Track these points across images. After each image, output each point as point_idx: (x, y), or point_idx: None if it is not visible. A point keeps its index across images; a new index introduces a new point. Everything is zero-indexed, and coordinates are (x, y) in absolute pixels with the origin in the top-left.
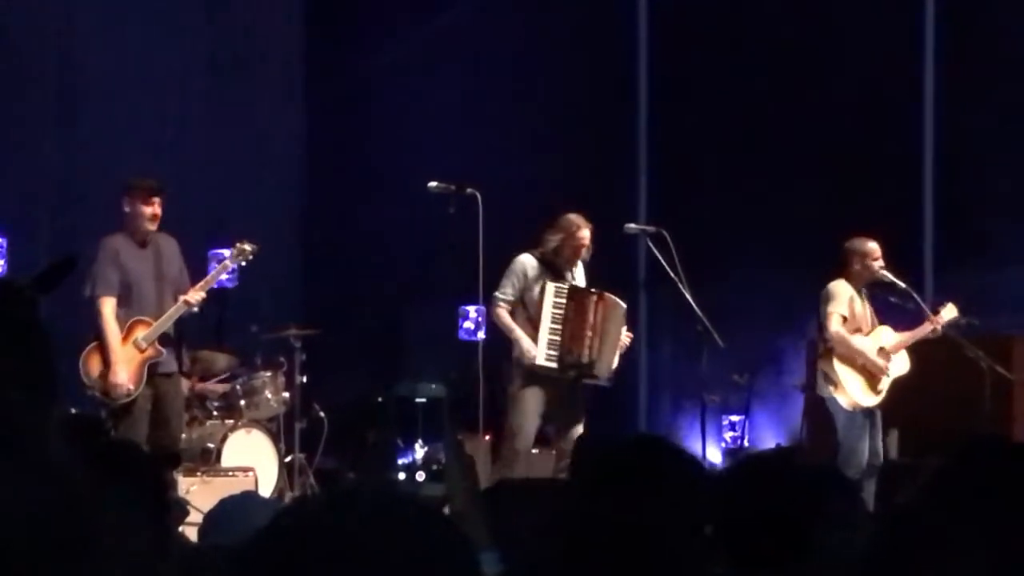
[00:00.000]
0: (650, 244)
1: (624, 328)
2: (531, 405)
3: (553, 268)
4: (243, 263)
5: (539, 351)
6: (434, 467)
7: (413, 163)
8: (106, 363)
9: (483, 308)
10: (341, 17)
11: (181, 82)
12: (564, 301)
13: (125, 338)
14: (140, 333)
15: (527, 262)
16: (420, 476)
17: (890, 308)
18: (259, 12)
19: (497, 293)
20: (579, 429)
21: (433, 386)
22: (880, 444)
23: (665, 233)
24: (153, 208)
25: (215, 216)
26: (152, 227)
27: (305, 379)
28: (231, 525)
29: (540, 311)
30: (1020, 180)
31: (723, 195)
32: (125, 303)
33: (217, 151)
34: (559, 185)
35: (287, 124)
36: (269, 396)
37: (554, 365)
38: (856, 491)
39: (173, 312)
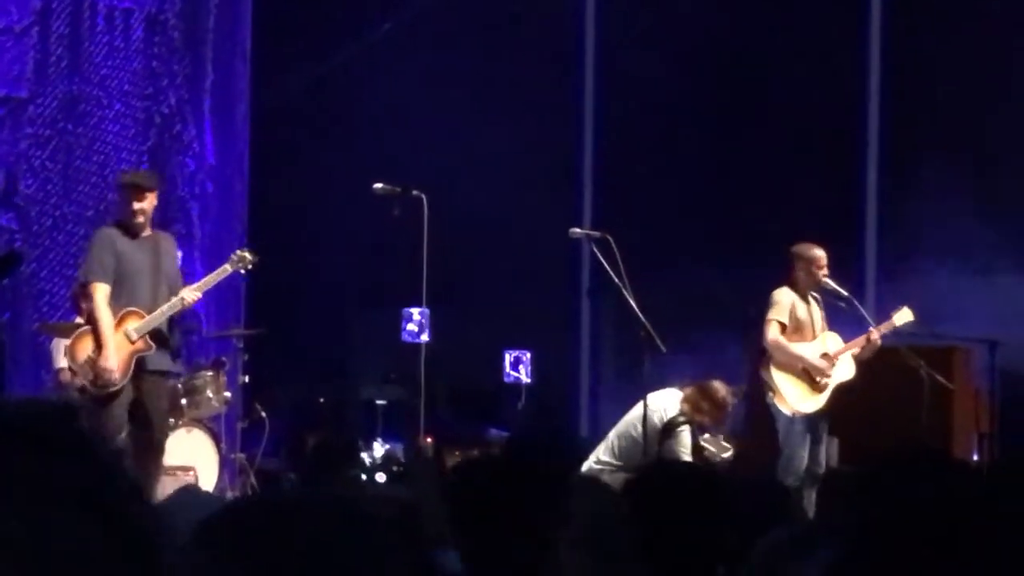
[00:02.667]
0: (594, 249)
1: None
2: None
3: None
4: (242, 271)
5: None
6: (394, 468)
7: (359, 165)
8: (96, 348)
9: (426, 311)
10: (288, 20)
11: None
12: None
13: (116, 327)
14: (132, 324)
15: (688, 439)
16: (380, 477)
17: (847, 315)
18: (206, 13)
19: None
20: None
21: (398, 388)
22: (823, 452)
23: (609, 238)
24: (142, 204)
25: (160, 216)
26: (140, 221)
27: (247, 379)
28: (174, 520)
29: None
30: (964, 190)
31: (668, 200)
32: (119, 292)
33: (163, 153)
34: (504, 189)
35: (232, 125)
36: (211, 395)
37: None
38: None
39: (168, 308)
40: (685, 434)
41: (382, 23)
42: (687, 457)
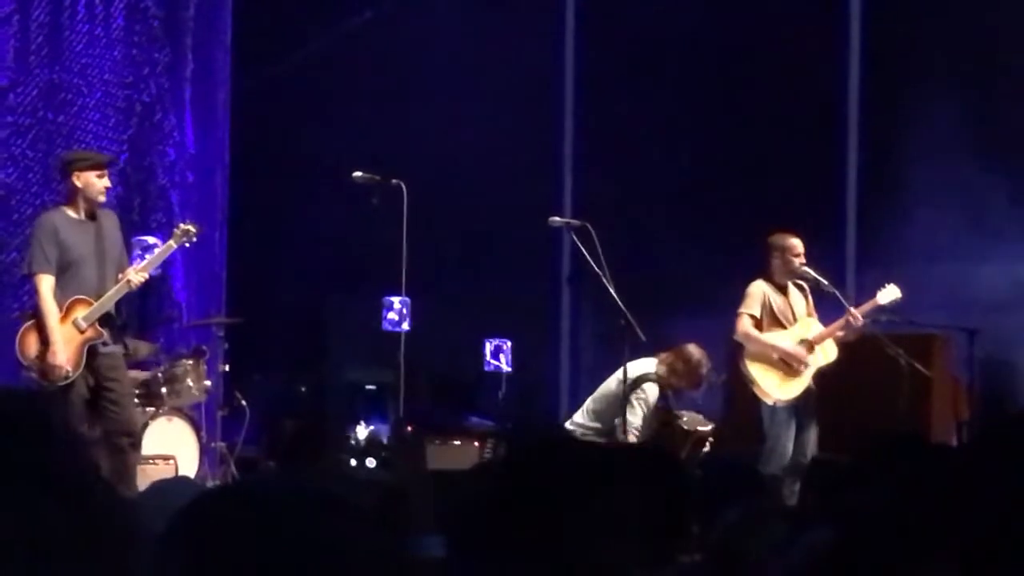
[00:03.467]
0: (574, 238)
1: None
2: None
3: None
4: (187, 244)
5: None
6: (380, 453)
7: (338, 153)
8: (44, 343)
9: (407, 299)
10: (268, 8)
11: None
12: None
13: (64, 317)
14: (80, 313)
15: (654, 393)
16: (371, 462)
17: (833, 302)
18: (186, 1)
19: (634, 422)
20: None
21: (383, 370)
22: (808, 440)
23: (589, 227)
24: (105, 181)
25: (136, 204)
26: (103, 199)
27: (227, 368)
28: (162, 510)
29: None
30: (941, 177)
31: (648, 188)
32: (64, 282)
33: (144, 142)
34: (483, 178)
35: (212, 114)
36: (191, 384)
37: None
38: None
39: (115, 292)
40: (647, 393)
41: (363, 11)
42: (637, 421)
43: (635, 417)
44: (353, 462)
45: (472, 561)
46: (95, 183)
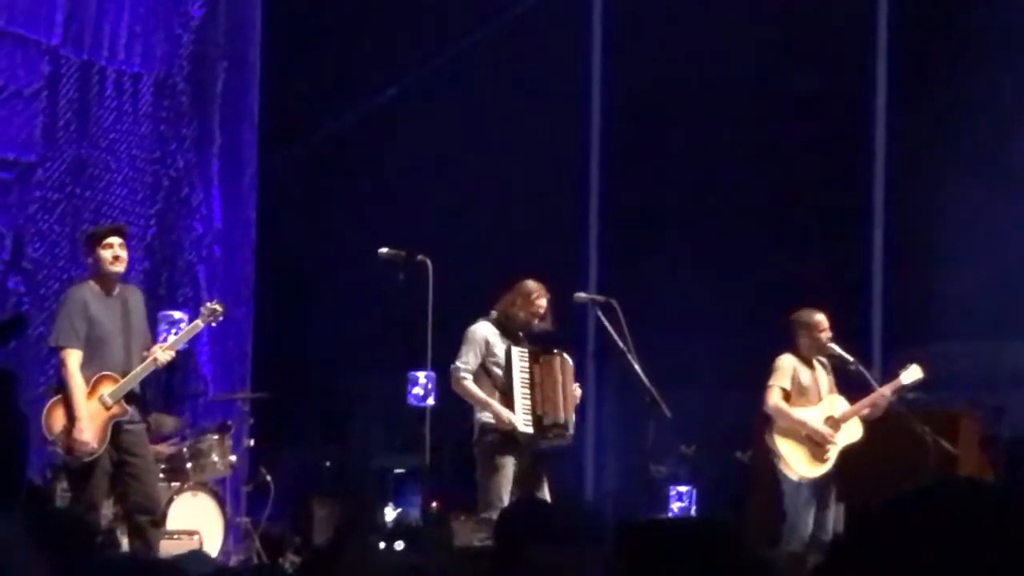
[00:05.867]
0: (599, 313)
1: (575, 383)
2: (509, 474)
3: (510, 334)
4: (213, 323)
5: (517, 418)
6: (409, 534)
7: (364, 229)
8: (70, 418)
9: (432, 374)
10: (297, 83)
11: None
12: (528, 364)
13: (90, 393)
14: (106, 389)
15: (486, 330)
16: (399, 544)
17: (857, 378)
18: (214, 77)
19: (459, 363)
20: (545, 494)
21: (409, 455)
22: (830, 518)
23: (614, 302)
24: (113, 250)
25: (163, 278)
26: (117, 268)
27: (253, 443)
28: None
29: (510, 378)
30: (969, 256)
31: (671, 266)
32: (91, 357)
33: (171, 216)
34: (509, 253)
35: (239, 189)
36: (216, 459)
37: (530, 430)
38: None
39: (141, 370)
40: (472, 332)
41: (387, 88)
42: (459, 362)
43: (459, 359)
44: (382, 544)
45: None
46: (102, 255)
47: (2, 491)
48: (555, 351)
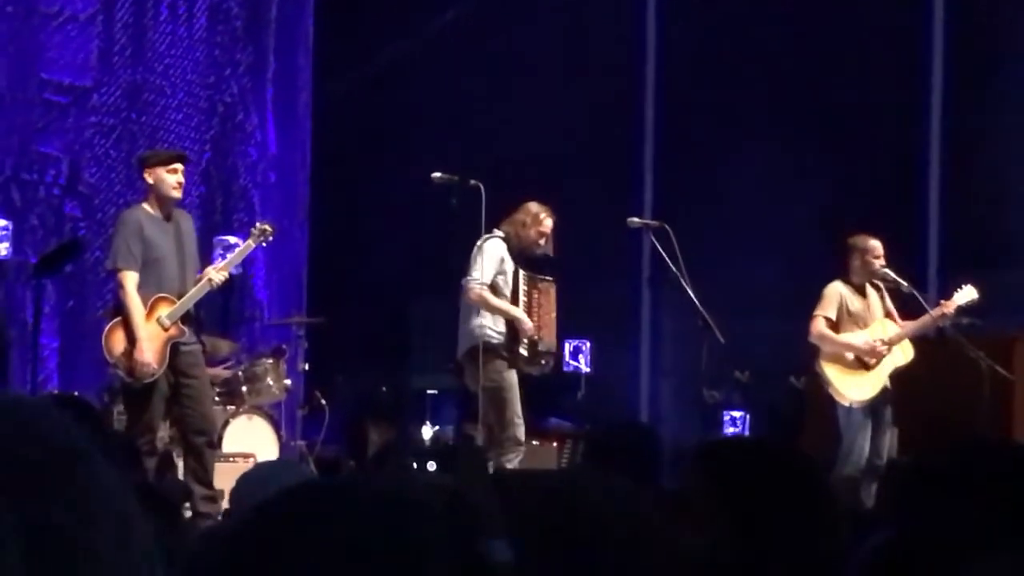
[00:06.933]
0: (653, 239)
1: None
2: (516, 389)
3: (515, 254)
4: (263, 243)
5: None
6: (440, 453)
7: (418, 154)
8: (130, 340)
9: None
10: (350, 10)
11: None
12: (528, 288)
13: (148, 315)
14: (164, 310)
15: (500, 247)
16: (431, 465)
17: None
18: (268, 2)
19: (475, 275)
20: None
21: (448, 376)
22: (885, 443)
23: (667, 228)
24: (178, 176)
25: (218, 203)
26: (178, 195)
27: (307, 367)
28: (264, 489)
29: (516, 300)
30: None
31: (728, 190)
32: (147, 278)
33: (226, 142)
34: (562, 179)
35: (294, 115)
36: (271, 383)
37: (526, 354)
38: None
39: (197, 291)
40: (485, 247)
41: (444, 13)
42: (475, 273)
43: (474, 271)
44: (415, 464)
45: (544, 564)
46: (167, 179)
47: None
48: (548, 278)
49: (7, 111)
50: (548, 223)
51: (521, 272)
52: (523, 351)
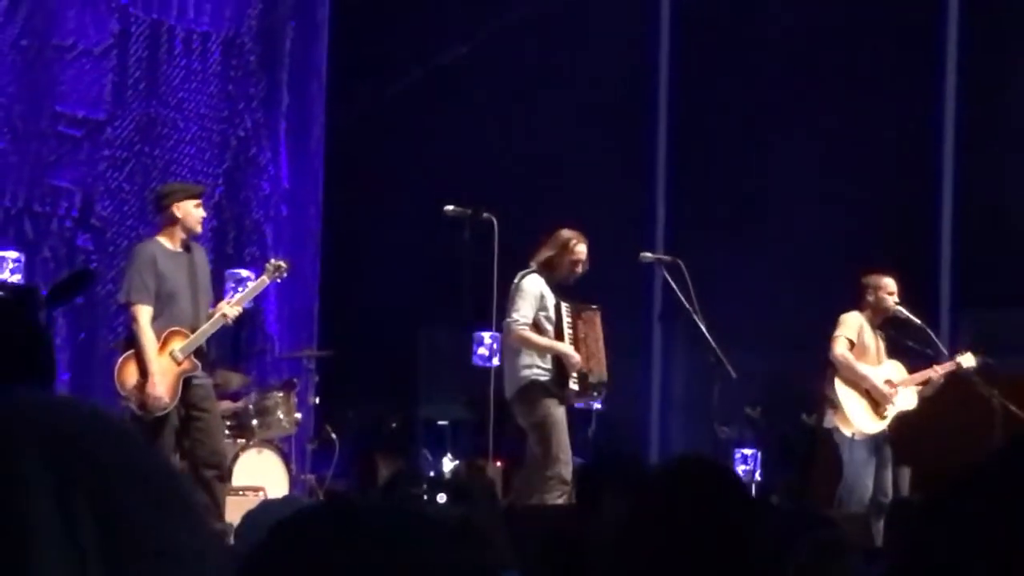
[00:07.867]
0: (665, 274)
1: None
2: (565, 428)
3: (553, 286)
4: (278, 279)
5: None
6: (456, 487)
7: (430, 187)
8: (142, 374)
9: (497, 335)
10: (363, 41)
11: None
12: (572, 320)
13: (161, 348)
14: (177, 344)
15: (538, 283)
16: (441, 497)
17: (907, 352)
18: (283, 36)
19: (516, 315)
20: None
21: (462, 408)
22: (888, 480)
23: (680, 263)
24: (201, 211)
25: (230, 237)
26: (200, 229)
27: (318, 400)
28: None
29: (560, 334)
30: None
31: (739, 226)
32: (161, 312)
33: (239, 175)
34: (574, 213)
35: (306, 148)
36: (281, 416)
37: (577, 388)
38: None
39: (210, 325)
40: (523, 284)
41: (455, 47)
42: (515, 314)
43: (515, 311)
44: (424, 496)
45: None
46: (193, 213)
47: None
48: (593, 306)
49: (21, 143)
50: (581, 249)
51: (563, 304)
52: (573, 385)
